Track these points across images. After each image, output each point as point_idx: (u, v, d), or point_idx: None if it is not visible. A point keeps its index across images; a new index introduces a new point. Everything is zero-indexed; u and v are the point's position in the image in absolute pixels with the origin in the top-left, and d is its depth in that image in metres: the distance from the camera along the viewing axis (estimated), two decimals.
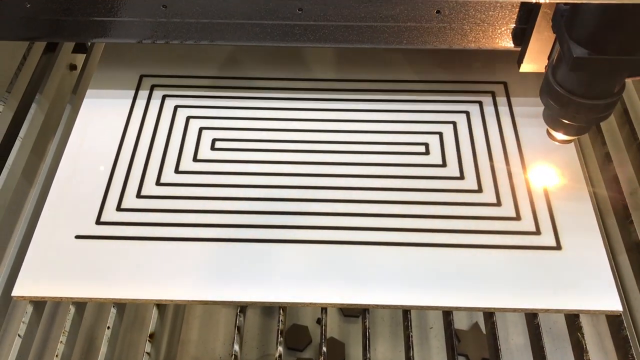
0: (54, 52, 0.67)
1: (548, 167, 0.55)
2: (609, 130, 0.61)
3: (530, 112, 0.59)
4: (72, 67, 0.77)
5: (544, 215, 0.52)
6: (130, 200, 0.53)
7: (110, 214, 0.52)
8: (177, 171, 0.55)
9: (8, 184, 0.57)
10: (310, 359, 0.57)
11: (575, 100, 0.43)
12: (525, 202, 0.52)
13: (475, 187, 0.54)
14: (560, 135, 0.48)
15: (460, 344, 0.58)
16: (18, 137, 0.59)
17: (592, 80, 0.43)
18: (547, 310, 0.47)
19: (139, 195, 0.53)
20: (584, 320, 0.49)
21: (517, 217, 0.52)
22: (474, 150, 0.56)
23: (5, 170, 0.57)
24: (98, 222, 0.51)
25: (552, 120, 0.47)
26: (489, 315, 0.49)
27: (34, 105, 0.62)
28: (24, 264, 0.49)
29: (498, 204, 0.52)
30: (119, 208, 0.52)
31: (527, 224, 0.51)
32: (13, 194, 0.58)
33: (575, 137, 0.48)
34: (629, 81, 0.65)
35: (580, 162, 0.56)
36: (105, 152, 0.56)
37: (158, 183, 0.54)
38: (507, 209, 0.52)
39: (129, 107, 0.59)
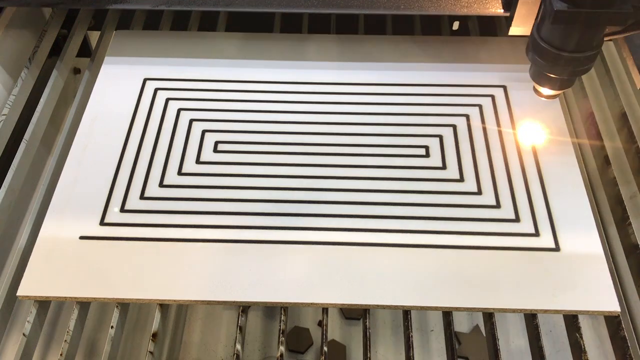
0: (58, 56, 0.68)
1: (547, 170, 0.55)
2: (607, 133, 0.62)
3: (529, 115, 0.59)
4: (76, 70, 0.78)
5: (543, 217, 0.52)
6: (133, 202, 0.53)
7: (114, 215, 0.52)
8: (180, 173, 0.55)
9: (13, 186, 0.57)
10: None
11: (558, 54, 0.47)
12: (525, 204, 0.53)
13: (475, 190, 0.54)
14: (546, 90, 0.52)
15: (461, 347, 0.58)
16: (23, 140, 0.59)
17: (572, 33, 0.46)
18: (546, 311, 0.47)
19: (142, 197, 0.54)
20: (584, 324, 0.49)
21: (517, 219, 0.52)
22: (473, 153, 0.56)
23: (10, 172, 0.57)
24: (102, 223, 0.52)
25: (538, 76, 0.51)
26: (489, 316, 0.49)
27: (38, 108, 0.62)
28: (28, 264, 0.49)
29: (497, 206, 0.53)
30: (122, 209, 0.53)
31: (526, 225, 0.52)
32: (18, 196, 0.58)
33: (560, 92, 0.52)
34: (627, 85, 0.66)
35: (580, 165, 0.56)
36: (109, 154, 0.56)
37: (161, 185, 0.55)
38: (506, 211, 0.53)
39: (133, 110, 0.60)
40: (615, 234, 0.56)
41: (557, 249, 0.50)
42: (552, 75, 0.50)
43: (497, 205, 0.53)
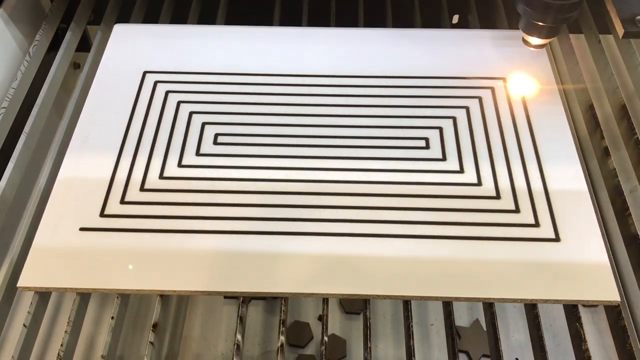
0: (58, 50, 0.68)
1: (547, 161, 0.55)
2: (607, 125, 0.62)
3: (529, 107, 0.59)
4: (76, 65, 0.78)
5: (543, 208, 0.52)
6: (134, 194, 0.53)
7: (114, 206, 0.52)
8: (180, 165, 0.55)
9: (13, 178, 0.57)
10: (311, 355, 0.57)
11: (545, 2, 0.53)
12: (525, 195, 0.53)
13: (475, 181, 0.54)
14: (534, 40, 0.58)
15: (461, 341, 0.58)
16: (23, 133, 0.59)
17: None
18: (546, 301, 0.47)
19: (142, 189, 0.54)
20: (583, 318, 0.49)
21: (517, 210, 0.52)
22: (473, 144, 0.57)
23: (10, 164, 0.57)
24: (102, 214, 0.52)
25: (527, 26, 0.56)
26: (489, 306, 0.49)
27: (38, 101, 0.62)
28: (29, 255, 0.49)
29: (497, 197, 0.53)
30: (122, 201, 0.53)
31: (526, 216, 0.52)
32: (18, 188, 0.58)
33: (548, 41, 0.58)
34: (627, 76, 0.66)
35: (579, 156, 0.56)
36: (109, 146, 0.56)
37: (161, 177, 0.55)
38: (506, 202, 0.53)
39: (133, 102, 0.60)
40: (615, 224, 0.56)
41: (557, 239, 0.50)
42: (540, 24, 0.55)
43: (497, 196, 0.53)
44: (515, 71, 0.63)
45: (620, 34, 0.59)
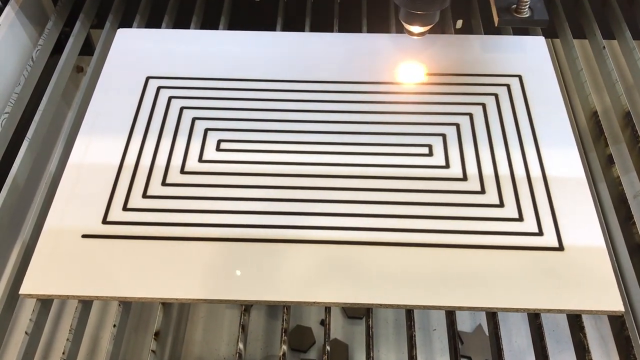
0: (61, 54, 0.68)
1: (551, 169, 0.55)
2: (611, 132, 0.62)
3: (530, 115, 0.59)
4: (79, 69, 0.78)
5: (547, 217, 0.52)
6: (136, 200, 0.53)
7: (116, 213, 0.52)
8: (182, 171, 0.55)
9: (16, 184, 0.57)
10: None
11: None
12: (528, 203, 0.53)
13: (479, 189, 0.54)
14: (415, 28, 0.59)
15: (464, 346, 0.58)
16: (26, 138, 0.59)
17: None
18: (549, 310, 0.47)
19: (145, 196, 0.54)
20: (587, 324, 0.49)
21: (520, 219, 0.52)
22: (477, 152, 0.56)
23: (12, 170, 0.57)
24: (104, 221, 0.52)
25: (406, 16, 0.58)
26: (492, 315, 0.49)
27: (41, 106, 0.62)
28: (31, 262, 0.49)
29: (501, 205, 0.53)
30: (125, 208, 0.53)
31: (529, 225, 0.51)
32: (20, 194, 0.58)
33: (428, 28, 0.59)
34: (631, 82, 0.66)
35: (584, 164, 0.56)
36: (111, 152, 0.56)
37: (164, 183, 0.54)
38: (510, 210, 0.52)
39: (135, 108, 0.60)
40: (619, 234, 0.55)
41: (560, 248, 0.50)
42: (419, 13, 0.57)
43: (501, 205, 0.53)
44: (519, 78, 0.62)
45: (496, 22, 0.61)
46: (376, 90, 0.62)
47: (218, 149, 0.57)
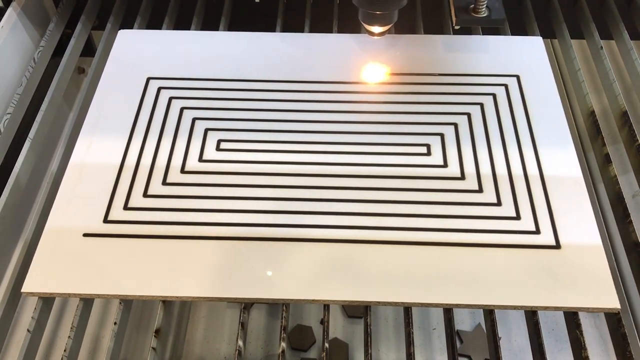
0: (62, 56, 0.68)
1: (549, 167, 0.55)
2: (609, 132, 0.62)
3: (528, 114, 0.60)
4: (80, 70, 0.79)
5: (544, 215, 0.52)
6: (137, 200, 0.54)
7: (117, 212, 0.53)
8: (183, 171, 0.56)
9: (18, 183, 0.58)
10: (314, 359, 0.57)
11: None
12: (526, 202, 0.53)
13: (476, 188, 0.54)
14: (375, 29, 0.60)
15: (463, 345, 0.58)
16: (28, 138, 0.60)
17: None
18: (546, 308, 0.47)
19: (145, 195, 0.54)
20: (586, 322, 0.49)
21: (517, 217, 0.52)
22: (475, 151, 0.57)
23: (15, 170, 0.58)
24: (105, 220, 0.52)
25: (365, 17, 0.59)
26: (489, 312, 0.50)
27: (43, 107, 0.63)
28: (33, 261, 0.50)
29: (498, 203, 0.53)
30: (126, 207, 0.53)
31: (527, 223, 0.52)
32: (23, 193, 0.59)
33: (387, 27, 0.59)
34: (629, 82, 0.66)
35: (581, 163, 0.56)
36: (112, 152, 0.57)
37: (164, 183, 0.55)
38: (507, 209, 0.53)
39: (136, 108, 0.60)
40: (616, 232, 0.56)
41: (557, 246, 0.50)
42: (377, 13, 0.57)
43: (498, 203, 0.53)
44: (517, 78, 0.63)
45: (454, 21, 0.62)
46: (376, 91, 0.62)
47: (218, 148, 0.57)
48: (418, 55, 0.65)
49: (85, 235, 0.51)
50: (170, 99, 0.61)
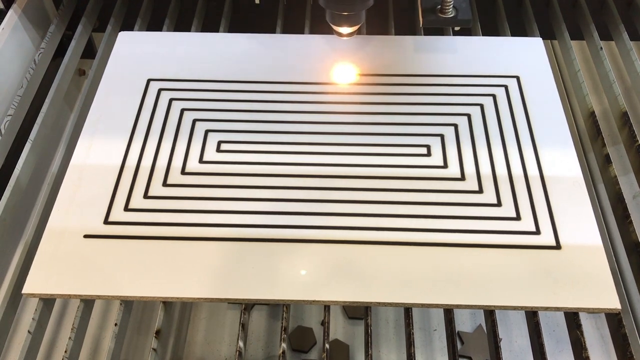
0: (63, 57, 0.68)
1: (549, 168, 0.55)
2: (609, 133, 0.62)
3: (529, 115, 0.60)
4: (81, 72, 0.79)
5: (544, 216, 0.52)
6: (137, 201, 0.54)
7: (118, 214, 0.53)
8: (183, 172, 0.56)
9: (18, 185, 0.58)
10: None
11: None
12: (526, 202, 0.53)
13: (476, 189, 0.54)
14: (344, 29, 0.59)
15: (464, 346, 0.58)
16: (28, 140, 0.60)
17: None
18: (546, 308, 0.47)
19: (146, 196, 0.54)
20: (587, 323, 0.49)
21: (518, 218, 0.52)
22: (475, 152, 0.57)
23: (15, 172, 0.58)
24: (106, 222, 0.52)
25: (333, 18, 0.58)
26: (490, 313, 0.50)
27: (43, 108, 0.63)
28: (34, 262, 0.50)
29: (498, 204, 0.53)
30: (126, 208, 0.53)
31: (527, 224, 0.52)
32: (23, 195, 0.59)
33: (356, 28, 0.59)
34: (629, 83, 0.66)
35: (581, 164, 0.56)
36: (113, 154, 0.57)
37: (165, 184, 0.55)
38: (507, 210, 0.53)
39: (137, 110, 0.60)
40: (616, 232, 0.56)
41: (557, 247, 0.50)
42: (344, 14, 0.57)
43: (498, 204, 0.53)
44: (517, 79, 0.63)
45: (421, 22, 0.62)
46: (376, 92, 0.62)
47: (218, 150, 0.57)
48: (419, 56, 0.66)
49: (85, 236, 0.51)
50: (171, 100, 0.61)
